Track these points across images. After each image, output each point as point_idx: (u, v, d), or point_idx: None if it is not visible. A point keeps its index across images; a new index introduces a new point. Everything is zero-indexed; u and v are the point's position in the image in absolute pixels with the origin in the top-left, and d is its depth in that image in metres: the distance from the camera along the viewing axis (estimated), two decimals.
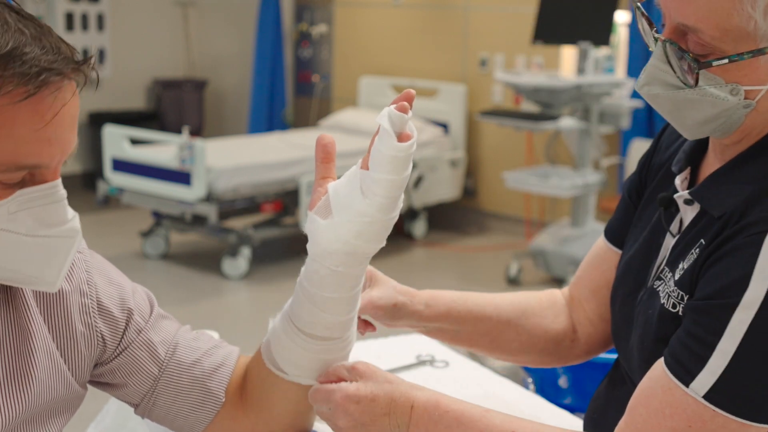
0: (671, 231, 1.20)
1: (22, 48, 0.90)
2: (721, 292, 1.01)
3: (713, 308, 1.01)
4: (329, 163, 1.14)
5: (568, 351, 1.44)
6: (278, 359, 1.19)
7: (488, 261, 5.75)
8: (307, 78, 7.58)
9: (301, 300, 1.15)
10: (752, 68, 1.06)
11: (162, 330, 1.21)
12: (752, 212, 1.03)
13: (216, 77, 7.99)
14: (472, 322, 1.39)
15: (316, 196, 1.14)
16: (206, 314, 4.74)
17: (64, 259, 1.00)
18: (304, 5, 7.53)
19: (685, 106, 1.10)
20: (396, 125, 1.05)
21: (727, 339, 0.98)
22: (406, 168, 1.06)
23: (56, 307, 1.11)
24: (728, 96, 1.07)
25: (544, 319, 1.43)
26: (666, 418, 1.02)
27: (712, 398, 0.99)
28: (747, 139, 1.13)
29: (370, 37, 7.10)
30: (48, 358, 1.09)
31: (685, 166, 1.21)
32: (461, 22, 6.52)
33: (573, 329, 1.43)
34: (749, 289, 0.98)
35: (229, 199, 5.32)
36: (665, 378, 1.03)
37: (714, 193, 1.11)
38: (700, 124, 1.11)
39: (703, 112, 1.09)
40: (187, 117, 7.47)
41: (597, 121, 5.18)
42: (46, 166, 0.95)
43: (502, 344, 1.42)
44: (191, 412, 1.20)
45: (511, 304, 1.43)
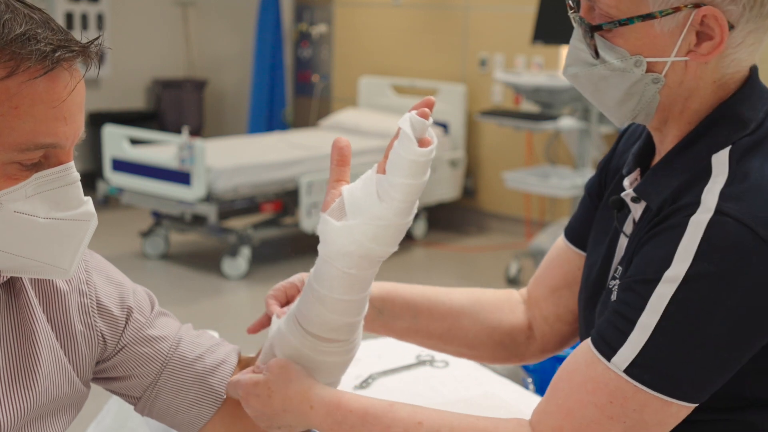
0: (624, 232, 1.20)
1: (35, 29, 0.94)
2: (645, 270, 1.02)
3: (636, 284, 1.02)
4: (344, 166, 1.14)
5: (523, 348, 1.42)
6: (277, 352, 1.19)
7: (488, 261, 5.76)
8: (306, 78, 7.58)
9: (310, 301, 1.15)
10: (650, 37, 1.07)
11: (164, 326, 1.21)
12: (683, 198, 1.05)
13: (216, 77, 7.99)
14: (426, 306, 1.38)
15: (330, 198, 1.13)
16: (206, 314, 4.74)
17: (78, 243, 1.01)
18: (304, 5, 7.54)
19: (601, 84, 1.11)
20: (417, 130, 1.05)
21: (647, 314, 0.99)
22: (424, 173, 1.07)
23: (57, 307, 1.11)
24: (633, 68, 1.08)
25: (499, 311, 1.42)
26: (588, 393, 1.02)
27: (632, 372, 0.99)
28: (675, 124, 1.13)
29: (370, 37, 7.10)
30: (52, 356, 1.09)
31: (633, 167, 1.21)
32: (461, 22, 6.52)
33: (529, 326, 1.42)
34: (671, 266, 0.99)
35: (228, 199, 5.32)
36: (589, 353, 1.04)
37: (653, 186, 1.12)
38: (620, 104, 1.12)
39: (617, 88, 1.10)
40: (186, 117, 7.47)
41: (597, 121, 5.18)
42: (62, 146, 0.97)
43: (458, 334, 1.39)
44: (192, 408, 1.21)
45: (465, 294, 1.42)
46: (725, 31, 1.04)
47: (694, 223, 1.00)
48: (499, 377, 1.77)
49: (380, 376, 1.71)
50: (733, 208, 1.00)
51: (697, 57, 1.07)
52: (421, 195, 1.10)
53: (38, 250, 0.99)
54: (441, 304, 1.38)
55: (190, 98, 7.62)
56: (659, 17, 1.05)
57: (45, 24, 0.96)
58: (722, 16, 1.04)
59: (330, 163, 1.15)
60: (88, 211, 1.02)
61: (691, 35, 1.06)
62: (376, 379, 1.70)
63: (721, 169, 1.05)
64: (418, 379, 1.72)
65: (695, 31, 1.06)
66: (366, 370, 1.72)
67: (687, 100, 1.11)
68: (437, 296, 1.39)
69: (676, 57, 1.07)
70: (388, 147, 1.09)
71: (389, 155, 1.08)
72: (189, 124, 6.88)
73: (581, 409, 1.02)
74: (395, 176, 1.06)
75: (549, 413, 1.05)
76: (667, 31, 1.06)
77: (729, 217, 0.99)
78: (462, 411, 1.59)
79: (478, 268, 5.64)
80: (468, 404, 1.61)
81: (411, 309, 1.37)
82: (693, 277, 0.98)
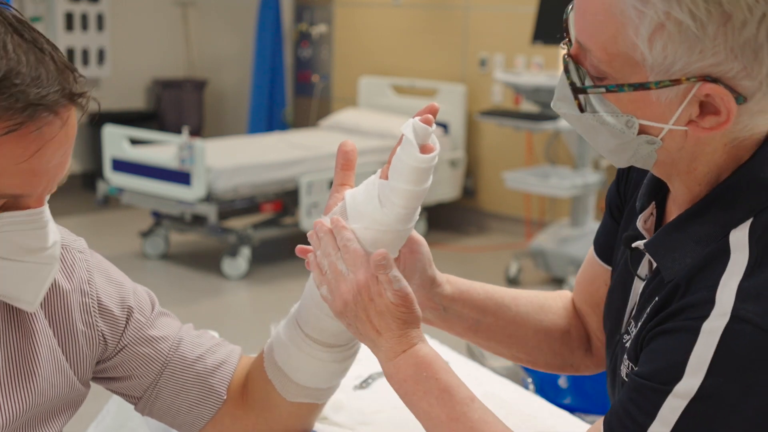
0: (639, 275, 1.11)
1: (12, 79, 0.87)
2: (656, 375, 0.95)
3: (647, 390, 0.95)
4: (349, 170, 1.14)
5: (579, 360, 1.37)
6: (282, 365, 1.19)
7: (488, 261, 5.76)
8: (306, 78, 7.58)
9: (309, 306, 1.15)
10: (645, 102, 0.95)
11: (164, 326, 1.21)
12: (694, 287, 0.96)
13: (216, 77, 7.99)
14: (493, 311, 1.30)
15: (333, 202, 1.13)
16: (206, 314, 4.74)
17: (41, 283, 1.00)
18: (304, 5, 7.54)
19: (590, 133, 1.02)
20: (419, 137, 1.05)
21: (658, 424, 0.93)
22: (426, 180, 1.07)
23: (58, 307, 1.11)
24: (624, 128, 0.97)
25: (561, 319, 1.35)
26: None
27: None
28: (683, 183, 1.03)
29: (369, 37, 7.10)
30: (51, 356, 1.09)
31: (647, 202, 1.11)
32: (461, 22, 6.52)
33: (588, 338, 1.36)
34: (683, 379, 0.92)
35: (228, 199, 5.32)
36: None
37: (666, 252, 1.02)
38: (613, 153, 1.02)
39: (607, 141, 1.00)
40: (186, 117, 7.47)
41: None
42: (28, 196, 0.94)
43: (519, 341, 1.33)
44: (192, 408, 1.21)
45: (531, 300, 1.35)
46: (732, 110, 0.93)
47: (708, 331, 0.91)
48: (499, 377, 1.77)
49: (380, 376, 1.71)
50: (751, 311, 0.90)
51: (698, 130, 0.96)
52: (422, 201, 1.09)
53: (1, 284, 0.98)
54: (507, 309, 1.31)
55: (190, 98, 7.62)
56: (654, 89, 0.94)
57: (32, 68, 0.88)
58: (728, 95, 0.92)
59: (335, 166, 1.15)
60: (52, 255, 0.99)
61: (693, 106, 0.95)
62: (376, 379, 1.70)
63: (740, 253, 0.94)
64: None
65: (698, 102, 0.94)
66: (366, 370, 1.72)
67: (692, 162, 1.00)
68: (504, 300, 1.32)
69: (673, 126, 0.96)
70: (392, 152, 1.08)
71: (392, 161, 1.08)
72: (189, 124, 6.88)
73: None
74: (397, 182, 1.06)
75: None
76: (664, 101, 0.95)
77: (747, 324, 0.90)
78: None
79: (478, 268, 5.64)
80: None
81: (476, 312, 1.31)
82: (706, 393, 0.91)
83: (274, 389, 1.20)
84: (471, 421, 1.06)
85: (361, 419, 1.53)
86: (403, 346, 1.09)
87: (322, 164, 5.60)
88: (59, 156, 0.94)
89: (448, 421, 1.06)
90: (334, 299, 1.09)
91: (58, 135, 0.92)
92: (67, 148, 0.95)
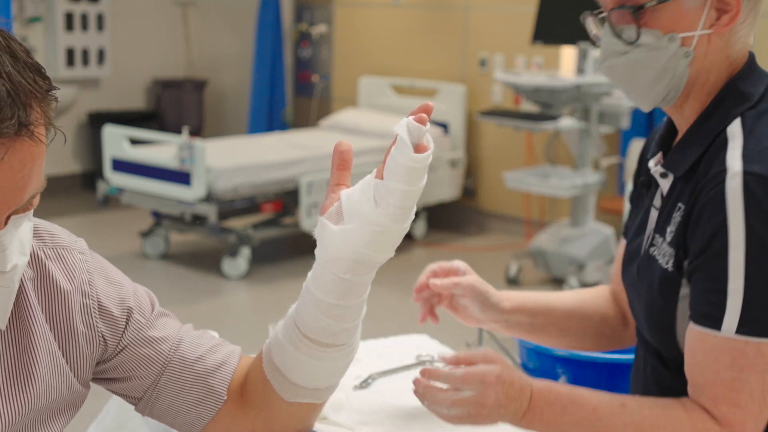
0: (654, 205, 1.34)
1: None
2: (709, 245, 1.17)
3: (709, 259, 1.17)
4: (345, 170, 1.14)
5: (621, 334, 1.58)
6: (281, 366, 1.19)
7: (488, 261, 5.75)
8: (306, 78, 7.58)
9: (307, 305, 1.15)
10: (679, 14, 1.24)
11: (164, 327, 1.21)
12: (710, 169, 1.20)
13: (216, 77, 7.99)
14: (544, 313, 1.57)
15: (329, 202, 1.13)
16: (206, 314, 4.74)
17: (4, 306, 1.00)
18: (304, 5, 7.54)
19: (636, 67, 1.28)
20: (414, 136, 1.05)
21: (733, 280, 1.14)
22: (421, 179, 1.07)
23: (58, 308, 1.11)
24: (667, 44, 1.25)
25: (599, 307, 1.58)
26: (713, 362, 1.17)
27: (743, 331, 1.14)
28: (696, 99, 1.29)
29: (369, 37, 7.10)
30: (50, 358, 1.09)
31: (656, 150, 1.36)
32: (461, 22, 6.52)
33: (623, 315, 1.57)
34: (730, 232, 1.14)
35: (228, 199, 5.32)
36: (699, 333, 1.18)
37: (678, 158, 1.28)
38: (653, 84, 1.28)
39: (652, 67, 1.26)
40: (186, 117, 7.47)
41: (597, 121, 5.18)
42: None
43: (568, 331, 1.58)
44: (193, 408, 1.21)
45: (572, 298, 1.61)
46: (740, 1, 1.23)
47: (730, 189, 1.15)
48: None
49: (380, 377, 1.71)
50: (758, 169, 1.15)
51: (718, 29, 1.25)
52: (418, 199, 1.10)
53: None
54: (555, 309, 1.57)
55: (190, 98, 7.62)
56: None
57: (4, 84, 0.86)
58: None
59: (331, 166, 1.15)
60: (10, 279, 0.97)
61: (712, 11, 1.24)
62: (376, 379, 1.70)
63: (736, 137, 1.21)
64: None
65: (714, 8, 1.24)
66: (366, 370, 1.72)
67: (708, 74, 1.27)
68: (552, 303, 1.58)
69: (702, 30, 1.24)
70: (387, 152, 1.09)
71: (386, 161, 1.08)
72: (189, 124, 6.88)
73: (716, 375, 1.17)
74: (392, 182, 1.06)
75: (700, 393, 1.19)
76: (692, 8, 1.24)
77: (757, 176, 1.14)
78: None
79: (478, 268, 5.60)
80: None
81: (531, 317, 1.57)
82: (753, 236, 1.13)
83: (273, 390, 1.20)
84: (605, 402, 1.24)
85: (361, 419, 1.53)
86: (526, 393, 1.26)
87: (322, 164, 5.60)
88: (13, 187, 0.91)
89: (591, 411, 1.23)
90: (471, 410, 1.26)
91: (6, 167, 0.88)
92: (17, 182, 0.91)
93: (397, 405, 1.60)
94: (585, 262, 5.06)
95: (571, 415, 1.23)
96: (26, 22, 6.86)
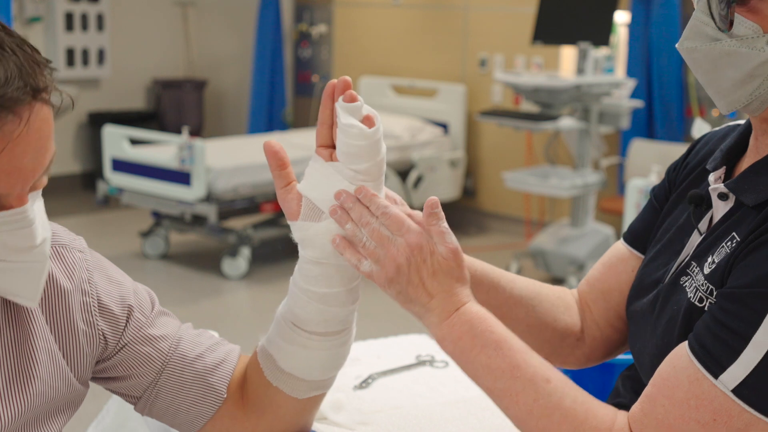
0: (699, 229, 1.15)
1: None
2: (758, 282, 0.96)
3: (748, 298, 0.96)
4: (286, 168, 1.13)
5: (570, 350, 1.36)
6: (292, 370, 1.18)
7: (488, 261, 5.68)
8: (306, 78, 7.58)
9: (299, 298, 1.15)
10: None
11: (164, 325, 1.21)
12: None
13: (216, 77, 7.99)
14: (486, 287, 1.29)
15: (292, 205, 1.12)
16: (206, 314, 4.74)
17: (37, 281, 1.01)
18: (304, 5, 7.54)
19: (721, 61, 1.06)
20: (356, 115, 1.07)
21: (763, 332, 0.93)
22: (381, 147, 1.09)
23: (58, 306, 1.11)
24: (765, 46, 1.03)
25: (555, 308, 1.35)
26: (691, 409, 0.97)
27: (741, 393, 0.94)
28: None
29: (369, 37, 7.10)
30: (49, 357, 1.09)
31: (721, 164, 1.16)
32: (461, 22, 6.52)
33: (580, 329, 1.36)
34: None
35: (228, 199, 5.32)
36: (692, 368, 0.98)
37: (751, 185, 1.07)
38: (737, 85, 1.06)
39: (740, 67, 1.05)
40: (186, 117, 7.47)
41: (596, 121, 5.18)
42: (6, 195, 0.94)
43: (510, 323, 1.26)
44: (192, 407, 1.21)
45: (526, 285, 1.35)
46: None
47: None
48: None
49: (380, 376, 1.71)
50: None
51: None
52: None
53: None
54: (502, 289, 1.31)
55: (190, 98, 7.62)
56: None
57: None
58: None
59: (270, 169, 1.13)
60: (41, 252, 0.99)
61: None
62: (376, 379, 1.70)
63: None
64: (418, 379, 1.72)
65: None
66: (366, 370, 1.72)
67: None
68: (500, 280, 1.31)
69: None
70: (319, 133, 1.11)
71: (341, 149, 1.08)
72: (189, 124, 6.89)
73: (683, 425, 0.98)
74: (358, 164, 1.08)
75: (648, 426, 1.01)
76: None
77: None
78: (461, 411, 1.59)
79: None
80: (468, 404, 1.61)
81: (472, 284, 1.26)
82: None
83: (280, 392, 1.20)
84: (533, 366, 1.06)
85: (360, 419, 1.53)
86: (456, 304, 1.08)
87: None
88: (31, 155, 0.93)
89: (510, 369, 1.05)
90: (385, 266, 1.07)
91: (24, 134, 0.91)
92: (40, 146, 0.94)
93: (397, 405, 1.60)
94: (585, 262, 5.06)
95: (488, 356, 1.06)
96: (26, 22, 6.86)
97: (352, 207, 1.08)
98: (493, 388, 1.07)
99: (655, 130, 5.85)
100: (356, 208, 1.08)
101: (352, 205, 1.08)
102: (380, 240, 1.07)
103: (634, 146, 5.44)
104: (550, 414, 1.03)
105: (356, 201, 1.08)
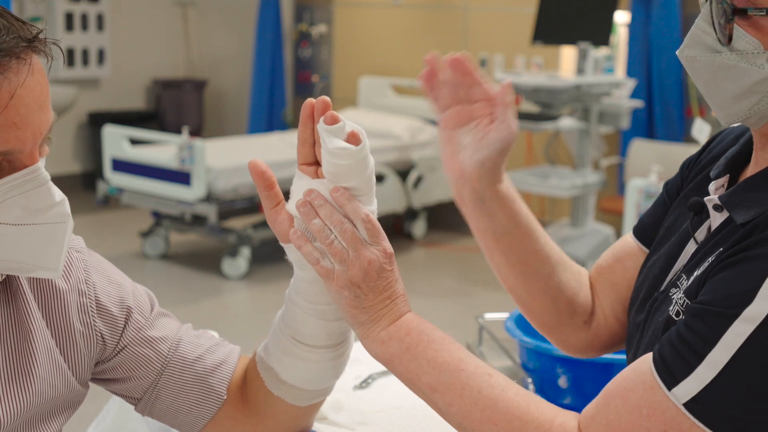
0: (695, 238, 1.13)
1: None
2: (723, 301, 0.94)
3: (711, 315, 0.95)
4: (273, 188, 1.12)
5: (575, 329, 1.34)
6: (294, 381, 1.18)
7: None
8: (306, 78, 7.59)
9: (297, 314, 1.15)
10: None
11: (163, 327, 1.21)
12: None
13: (216, 77, 7.99)
14: (523, 230, 1.26)
15: (284, 226, 1.13)
16: (206, 314, 4.74)
17: (60, 244, 1.00)
18: (304, 5, 7.54)
19: (720, 74, 1.03)
20: (341, 135, 1.06)
21: (718, 350, 0.93)
22: (369, 161, 1.08)
23: (55, 306, 1.11)
24: (764, 64, 1.00)
25: (576, 282, 1.33)
26: (642, 417, 0.97)
27: (692, 408, 0.93)
28: None
29: (369, 37, 7.10)
30: (48, 357, 1.09)
31: (723, 173, 1.14)
32: (461, 22, 6.53)
33: (590, 312, 1.34)
34: (753, 303, 0.92)
35: (228, 199, 5.32)
36: (649, 375, 0.97)
37: (742, 200, 1.04)
38: (735, 100, 1.03)
39: (739, 82, 1.02)
40: (186, 117, 7.48)
41: (597, 121, 5.18)
42: (18, 151, 0.94)
43: (531, 278, 1.29)
44: (192, 408, 1.21)
45: (555, 248, 1.32)
46: None
47: None
48: None
49: (380, 377, 1.71)
50: None
51: None
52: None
53: (21, 254, 0.97)
54: (535, 240, 1.27)
55: (190, 98, 7.62)
56: None
57: None
58: None
59: (258, 190, 1.12)
60: (62, 212, 0.98)
61: None
62: (376, 379, 1.70)
63: None
64: None
65: None
66: (366, 370, 1.72)
67: None
68: (536, 233, 1.28)
69: None
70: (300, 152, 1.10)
71: (328, 169, 1.07)
72: (189, 124, 6.89)
73: (632, 430, 0.98)
74: (347, 182, 1.07)
75: (598, 425, 1.00)
76: None
77: None
78: None
79: (478, 268, 5.64)
80: None
81: (509, 221, 1.25)
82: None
83: (281, 400, 1.20)
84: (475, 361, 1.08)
85: (360, 419, 1.53)
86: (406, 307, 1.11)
87: None
88: (37, 106, 0.94)
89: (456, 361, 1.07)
90: (352, 268, 1.07)
91: (28, 82, 0.93)
92: (43, 98, 0.95)
93: (397, 405, 1.60)
94: (585, 262, 5.06)
95: (434, 351, 1.07)
96: None
97: (322, 204, 1.08)
98: (437, 383, 1.07)
99: (655, 130, 5.85)
100: (326, 207, 1.08)
101: (322, 202, 1.08)
102: (353, 242, 1.07)
103: (634, 146, 5.44)
104: (494, 404, 1.04)
105: (326, 200, 1.08)
